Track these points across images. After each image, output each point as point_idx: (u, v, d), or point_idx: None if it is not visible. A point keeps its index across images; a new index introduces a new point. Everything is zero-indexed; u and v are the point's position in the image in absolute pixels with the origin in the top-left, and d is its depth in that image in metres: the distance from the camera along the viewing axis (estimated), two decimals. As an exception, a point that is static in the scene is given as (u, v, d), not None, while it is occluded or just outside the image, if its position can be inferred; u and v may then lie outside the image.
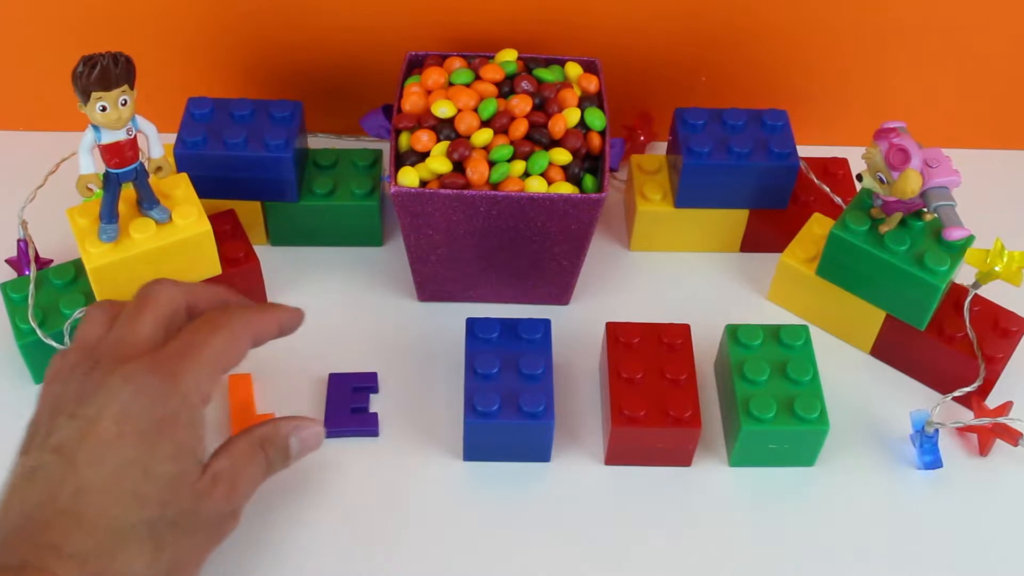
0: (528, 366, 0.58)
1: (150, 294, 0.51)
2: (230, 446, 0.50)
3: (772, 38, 0.76)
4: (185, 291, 0.52)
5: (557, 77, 0.66)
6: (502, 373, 0.58)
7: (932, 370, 0.66)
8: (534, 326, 0.60)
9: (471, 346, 0.60)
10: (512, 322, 0.61)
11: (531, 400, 0.57)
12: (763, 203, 0.71)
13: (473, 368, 0.58)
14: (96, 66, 0.54)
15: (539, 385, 0.58)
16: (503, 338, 0.60)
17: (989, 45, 0.76)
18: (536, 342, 0.60)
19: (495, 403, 0.57)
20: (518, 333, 0.60)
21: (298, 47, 0.76)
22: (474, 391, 0.57)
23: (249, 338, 0.51)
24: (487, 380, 0.58)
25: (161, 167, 0.61)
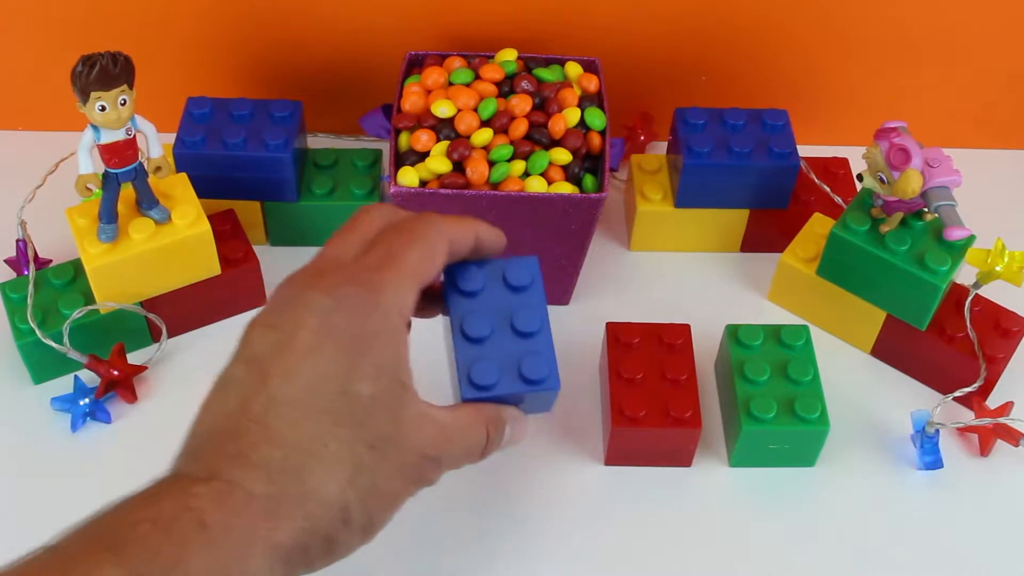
0: (523, 323, 0.48)
1: (360, 214, 0.47)
2: (456, 407, 0.46)
3: (773, 38, 0.76)
4: (394, 212, 0.47)
5: (557, 77, 0.66)
6: (497, 336, 0.48)
7: (933, 370, 0.66)
8: (521, 268, 0.49)
9: (455, 304, 0.48)
10: (496, 266, 0.49)
11: (534, 365, 0.47)
12: (763, 203, 0.71)
13: (463, 332, 0.47)
14: (95, 66, 0.54)
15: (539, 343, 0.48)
16: (491, 286, 0.49)
17: (989, 45, 0.76)
18: (528, 289, 0.49)
19: (495, 375, 0.47)
20: (506, 281, 0.49)
21: (298, 47, 0.76)
22: (471, 361, 0.47)
23: (445, 247, 0.45)
24: (481, 346, 0.48)
25: (160, 167, 0.61)
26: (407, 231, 0.44)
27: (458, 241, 0.46)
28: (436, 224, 0.45)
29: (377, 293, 0.42)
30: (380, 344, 0.42)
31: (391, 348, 0.42)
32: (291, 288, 0.43)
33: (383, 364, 0.41)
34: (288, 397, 0.40)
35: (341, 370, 0.41)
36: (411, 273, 0.43)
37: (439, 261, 0.45)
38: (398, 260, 0.43)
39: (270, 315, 0.42)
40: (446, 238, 0.45)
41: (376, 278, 0.42)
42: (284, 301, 0.42)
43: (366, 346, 0.41)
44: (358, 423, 0.41)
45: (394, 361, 0.42)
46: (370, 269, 0.43)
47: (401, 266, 0.43)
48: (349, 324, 0.41)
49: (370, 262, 0.43)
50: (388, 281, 0.42)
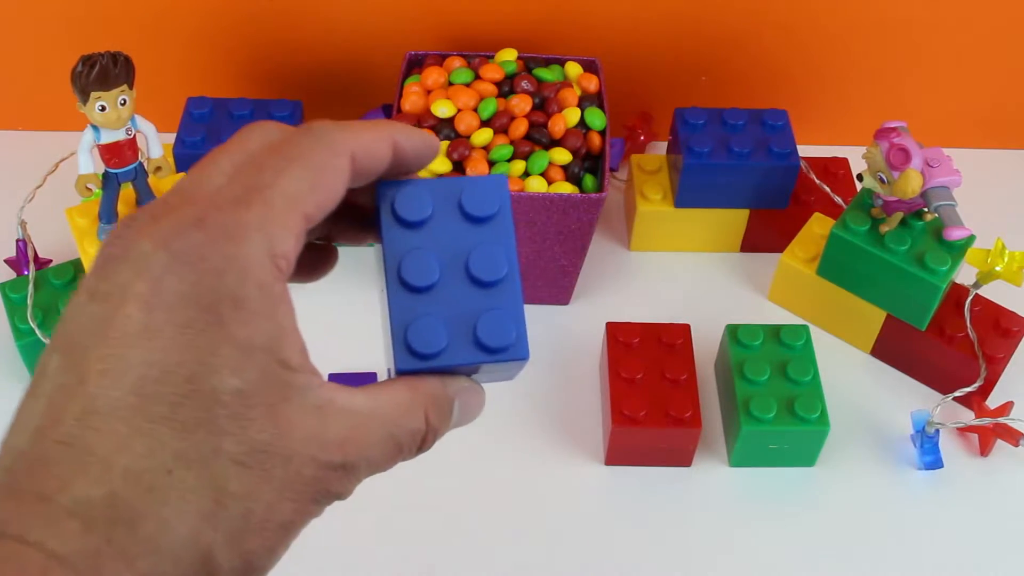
0: (483, 269, 0.34)
1: (239, 131, 0.34)
2: (379, 387, 0.33)
3: (773, 38, 0.76)
4: (281, 129, 0.34)
5: (557, 77, 0.66)
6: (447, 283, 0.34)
7: (933, 370, 0.66)
8: (483, 191, 0.35)
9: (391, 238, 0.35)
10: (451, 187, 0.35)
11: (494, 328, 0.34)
12: (763, 203, 0.71)
13: (400, 278, 0.34)
14: (95, 66, 0.54)
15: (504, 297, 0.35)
16: (442, 215, 0.35)
17: (989, 45, 0.76)
18: (492, 220, 0.35)
19: (442, 339, 0.34)
20: (462, 207, 0.35)
21: (298, 47, 0.76)
22: (409, 318, 0.34)
23: (344, 166, 0.32)
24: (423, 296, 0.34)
25: (160, 167, 0.61)
26: (286, 148, 0.32)
27: (366, 155, 0.33)
28: (328, 135, 0.32)
29: (234, 239, 0.29)
30: (244, 313, 0.29)
31: (262, 316, 0.29)
32: (121, 236, 0.30)
33: (250, 341, 0.29)
34: (111, 403, 0.28)
35: (187, 357, 0.28)
36: (288, 206, 0.30)
37: (335, 185, 0.32)
38: (268, 189, 0.30)
39: (93, 276, 0.30)
40: (344, 153, 0.32)
41: (234, 218, 0.29)
42: (110, 256, 0.30)
43: (222, 318, 0.28)
44: (217, 431, 0.28)
45: (268, 334, 0.29)
46: (228, 204, 0.30)
47: (272, 197, 0.30)
48: (194, 288, 0.28)
49: (228, 194, 0.30)
50: (252, 220, 0.29)
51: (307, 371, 0.30)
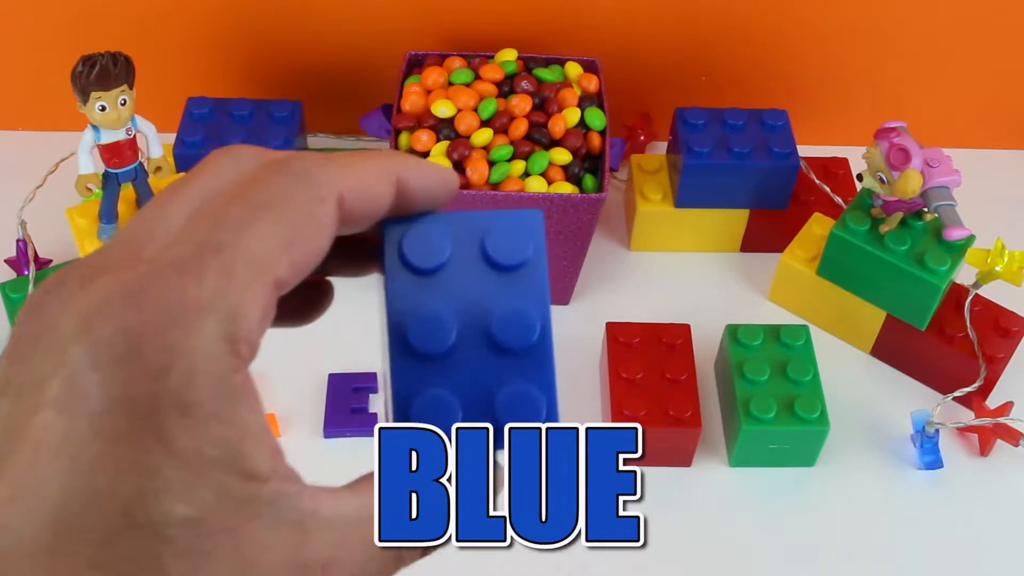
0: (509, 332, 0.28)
1: (207, 158, 0.27)
2: (367, 482, 0.25)
3: (772, 38, 0.76)
4: (256, 156, 0.27)
5: (557, 77, 0.66)
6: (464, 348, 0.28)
7: (932, 370, 0.66)
8: (513, 231, 0.28)
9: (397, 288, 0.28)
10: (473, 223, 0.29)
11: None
12: (763, 203, 0.71)
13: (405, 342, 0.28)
14: (95, 66, 0.54)
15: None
16: (461, 261, 0.28)
17: (989, 45, 0.76)
18: (522, 269, 0.28)
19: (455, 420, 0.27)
20: (486, 252, 0.28)
21: (298, 47, 0.76)
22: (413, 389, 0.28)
23: (330, 214, 0.25)
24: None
25: (160, 167, 0.61)
26: (254, 191, 0.24)
27: (359, 198, 0.26)
28: (309, 174, 0.25)
29: (180, 323, 0.22)
30: (192, 420, 0.22)
31: (216, 421, 0.22)
32: (41, 305, 0.23)
33: (201, 455, 0.22)
34: (21, 541, 0.21)
35: (120, 481, 0.21)
36: (253, 273, 0.23)
37: (316, 240, 0.25)
38: (228, 249, 0.23)
39: (6, 357, 0.23)
40: (329, 197, 0.25)
41: (180, 293, 0.22)
42: (25, 333, 0.23)
43: (163, 429, 0.22)
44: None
45: (225, 442, 0.22)
46: (173, 271, 0.23)
47: (232, 261, 0.23)
48: (126, 390, 0.21)
49: (177, 255, 0.23)
50: (204, 297, 0.23)
51: (280, 478, 0.23)
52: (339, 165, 0.26)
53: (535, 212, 0.28)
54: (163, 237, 0.24)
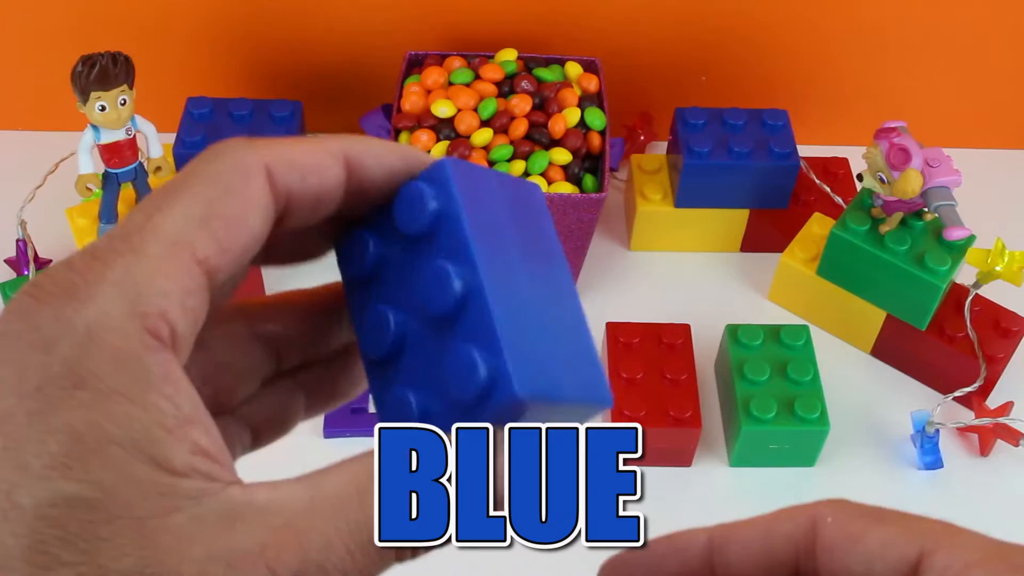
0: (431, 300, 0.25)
1: (196, 165, 0.24)
2: (323, 472, 0.24)
3: (772, 38, 0.76)
4: (265, 153, 0.24)
5: (557, 77, 0.66)
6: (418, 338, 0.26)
7: (933, 370, 0.66)
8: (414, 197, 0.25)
9: (352, 302, 0.27)
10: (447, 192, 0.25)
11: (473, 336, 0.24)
12: (763, 203, 0.71)
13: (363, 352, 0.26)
14: (95, 66, 0.54)
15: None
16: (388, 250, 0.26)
17: (989, 45, 0.76)
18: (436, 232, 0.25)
19: (413, 412, 0.25)
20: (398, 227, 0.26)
21: (298, 47, 0.76)
22: (379, 393, 0.27)
23: (259, 183, 0.23)
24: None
25: (160, 167, 0.61)
26: (176, 179, 0.23)
27: (292, 173, 0.24)
28: (232, 152, 0.23)
29: (75, 297, 0.21)
30: (89, 393, 0.20)
31: (121, 398, 0.20)
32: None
33: (101, 431, 0.20)
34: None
35: (2, 459, 0.20)
36: (168, 250, 0.22)
37: (243, 215, 0.23)
38: (139, 233, 0.22)
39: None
40: (254, 172, 0.23)
41: (81, 274, 0.21)
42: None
43: (52, 402, 0.20)
44: (47, 563, 0.19)
45: (133, 423, 0.20)
46: (83, 261, 0.22)
47: (143, 241, 0.22)
48: (15, 369, 0.20)
49: (89, 248, 0.22)
50: (109, 274, 0.21)
51: (201, 476, 0.21)
52: (268, 142, 0.24)
53: (442, 162, 0.25)
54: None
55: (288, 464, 0.25)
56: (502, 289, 0.24)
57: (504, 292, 0.24)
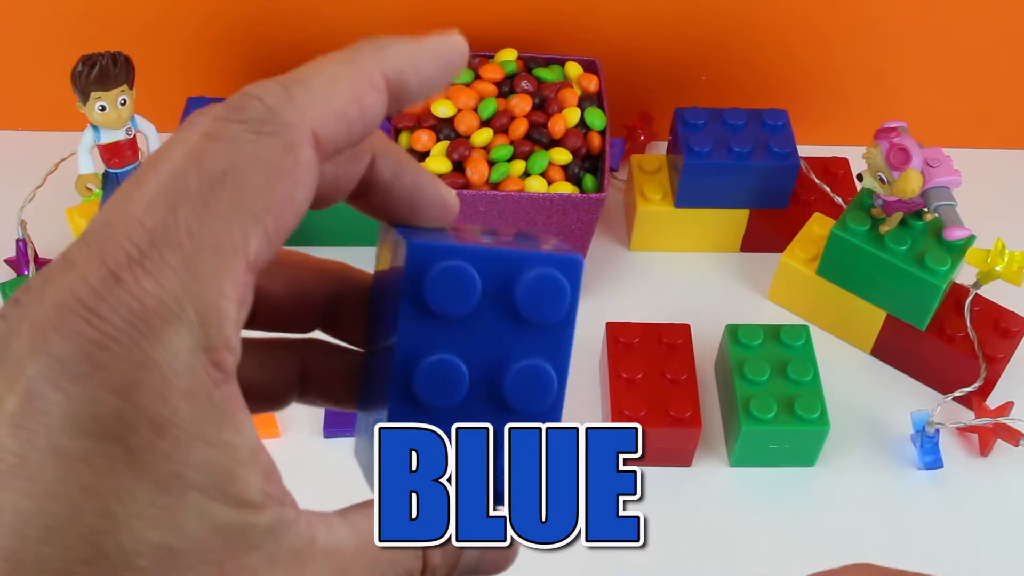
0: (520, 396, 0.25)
1: (187, 121, 0.22)
2: (360, 510, 0.23)
3: (772, 38, 0.76)
4: (310, 113, 0.22)
5: (557, 77, 0.66)
6: None
7: (932, 370, 0.66)
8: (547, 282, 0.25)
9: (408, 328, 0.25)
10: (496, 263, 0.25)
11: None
12: (763, 203, 0.71)
13: (409, 390, 0.25)
14: (95, 66, 0.54)
15: None
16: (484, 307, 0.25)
17: (989, 45, 0.76)
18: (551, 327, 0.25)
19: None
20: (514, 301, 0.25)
21: (298, 47, 0.76)
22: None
23: (308, 155, 0.21)
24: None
25: (160, 167, 0.61)
26: (211, 154, 0.21)
27: (341, 127, 0.22)
28: (273, 119, 0.21)
29: (146, 334, 0.19)
30: (168, 440, 0.19)
31: (197, 440, 0.20)
32: (5, 317, 0.21)
33: (180, 478, 0.19)
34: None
35: (82, 506, 0.19)
36: (223, 262, 0.20)
37: (292, 198, 0.21)
38: (189, 239, 0.20)
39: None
40: (303, 143, 0.21)
41: (141, 297, 0.19)
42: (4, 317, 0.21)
43: (132, 449, 0.19)
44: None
45: (208, 464, 0.20)
46: (129, 269, 0.20)
47: (196, 253, 0.20)
48: (88, 408, 0.19)
49: (132, 250, 0.20)
50: (168, 298, 0.20)
51: (275, 502, 0.21)
52: (309, 93, 0.21)
53: (576, 259, 0.25)
54: (124, 225, 0.20)
55: (289, 463, 0.25)
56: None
57: None
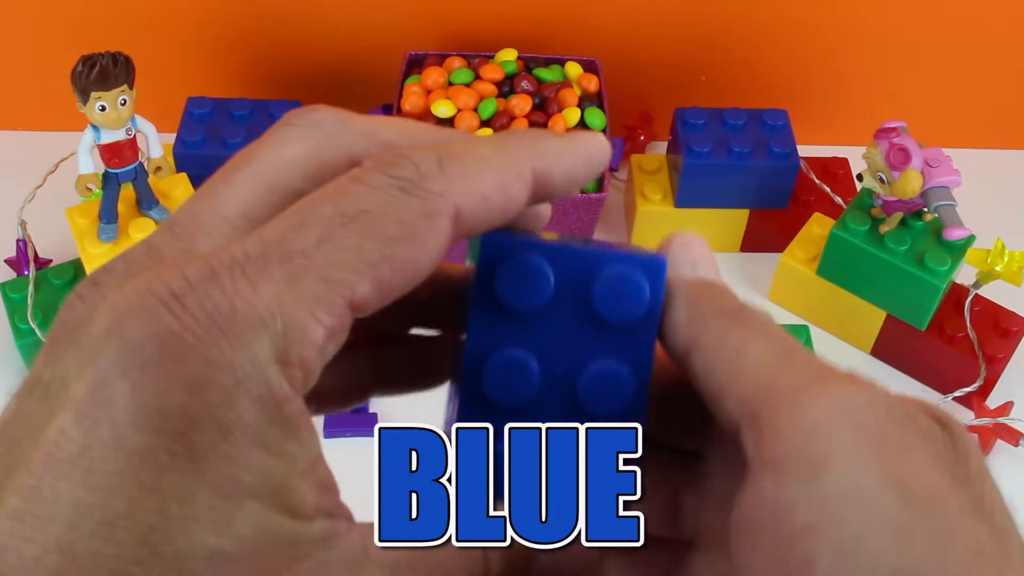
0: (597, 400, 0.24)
1: (285, 124, 0.22)
2: None
3: (772, 38, 0.76)
4: (347, 126, 0.23)
5: (557, 77, 0.66)
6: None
7: (932, 370, 0.66)
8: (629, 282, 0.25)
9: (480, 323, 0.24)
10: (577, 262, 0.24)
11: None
12: (763, 203, 0.71)
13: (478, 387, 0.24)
14: (95, 66, 0.54)
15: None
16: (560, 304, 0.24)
17: (989, 45, 0.76)
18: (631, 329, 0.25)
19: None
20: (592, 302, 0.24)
21: (298, 47, 0.76)
22: None
23: (445, 224, 0.21)
24: None
25: (160, 167, 0.61)
26: (352, 194, 0.20)
27: (482, 209, 0.21)
28: (424, 184, 0.21)
29: (227, 333, 0.19)
30: (232, 446, 0.19)
31: (260, 449, 0.19)
32: (82, 297, 0.21)
33: (240, 485, 0.19)
34: (23, 565, 0.18)
35: (141, 503, 0.18)
36: (328, 286, 0.20)
37: (418, 260, 0.21)
38: (301, 256, 0.20)
39: (43, 354, 0.21)
40: (444, 211, 0.21)
41: (231, 296, 0.19)
42: (62, 325, 0.21)
43: (196, 450, 0.19)
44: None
45: (269, 474, 0.19)
46: (227, 269, 0.19)
47: (304, 268, 0.20)
48: (156, 401, 0.18)
49: (237, 253, 0.20)
50: (259, 303, 0.19)
51: (327, 514, 0.20)
52: (461, 170, 0.21)
53: (660, 260, 0.25)
54: (218, 226, 0.21)
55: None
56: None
57: None
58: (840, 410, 0.20)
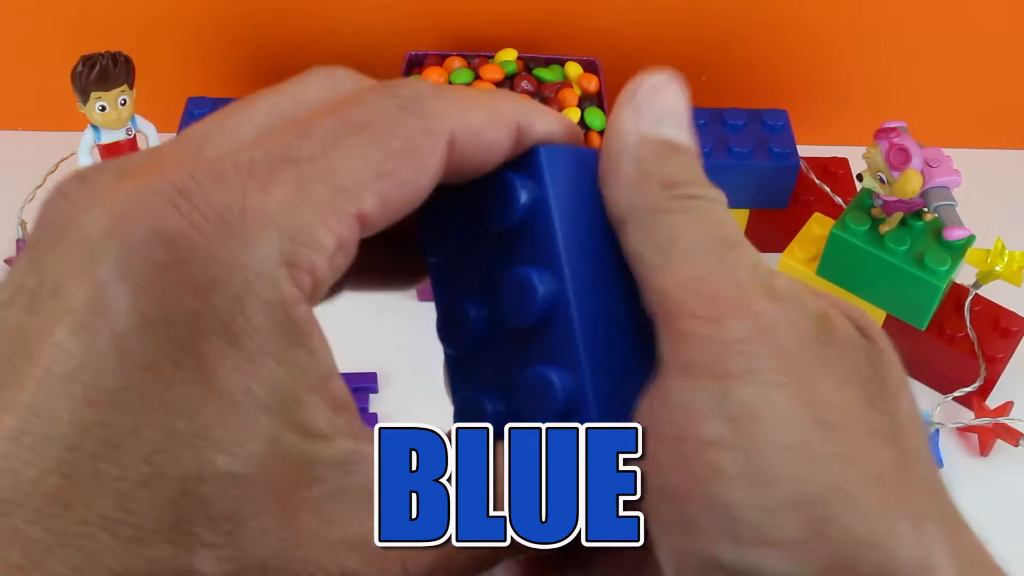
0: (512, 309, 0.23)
1: (303, 74, 0.24)
2: None
3: (772, 38, 0.76)
4: (363, 83, 0.24)
5: (557, 77, 0.66)
6: None
7: (933, 370, 0.66)
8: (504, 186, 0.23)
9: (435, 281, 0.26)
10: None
11: None
12: (763, 203, 0.71)
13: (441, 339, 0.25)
14: (95, 66, 0.54)
15: None
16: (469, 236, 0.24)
17: (989, 45, 0.76)
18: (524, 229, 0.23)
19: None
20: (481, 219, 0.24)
21: (298, 47, 0.76)
22: (456, 389, 0.27)
23: (442, 144, 0.21)
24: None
25: (161, 167, 0.61)
26: (352, 109, 0.21)
27: (473, 142, 0.21)
28: (421, 103, 0.21)
29: (235, 231, 0.18)
30: (242, 352, 0.17)
31: (271, 357, 0.18)
32: (68, 197, 0.19)
33: (251, 396, 0.18)
34: (21, 487, 0.16)
35: (146, 420, 0.17)
36: (335, 193, 0.19)
37: (418, 178, 0.20)
38: (308, 163, 0.19)
39: (23, 258, 0.19)
40: (442, 132, 0.21)
41: (240, 197, 0.18)
42: (46, 225, 0.19)
43: (205, 359, 0.17)
44: (190, 543, 0.17)
45: (280, 385, 0.18)
46: (236, 174, 0.18)
47: (310, 175, 0.19)
48: (160, 306, 0.17)
49: (245, 159, 0.19)
50: (269, 205, 0.18)
51: (344, 435, 0.19)
52: (455, 99, 0.21)
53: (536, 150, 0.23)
54: (228, 142, 0.20)
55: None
56: (589, 300, 0.23)
57: (591, 303, 0.23)
58: (759, 330, 0.20)
